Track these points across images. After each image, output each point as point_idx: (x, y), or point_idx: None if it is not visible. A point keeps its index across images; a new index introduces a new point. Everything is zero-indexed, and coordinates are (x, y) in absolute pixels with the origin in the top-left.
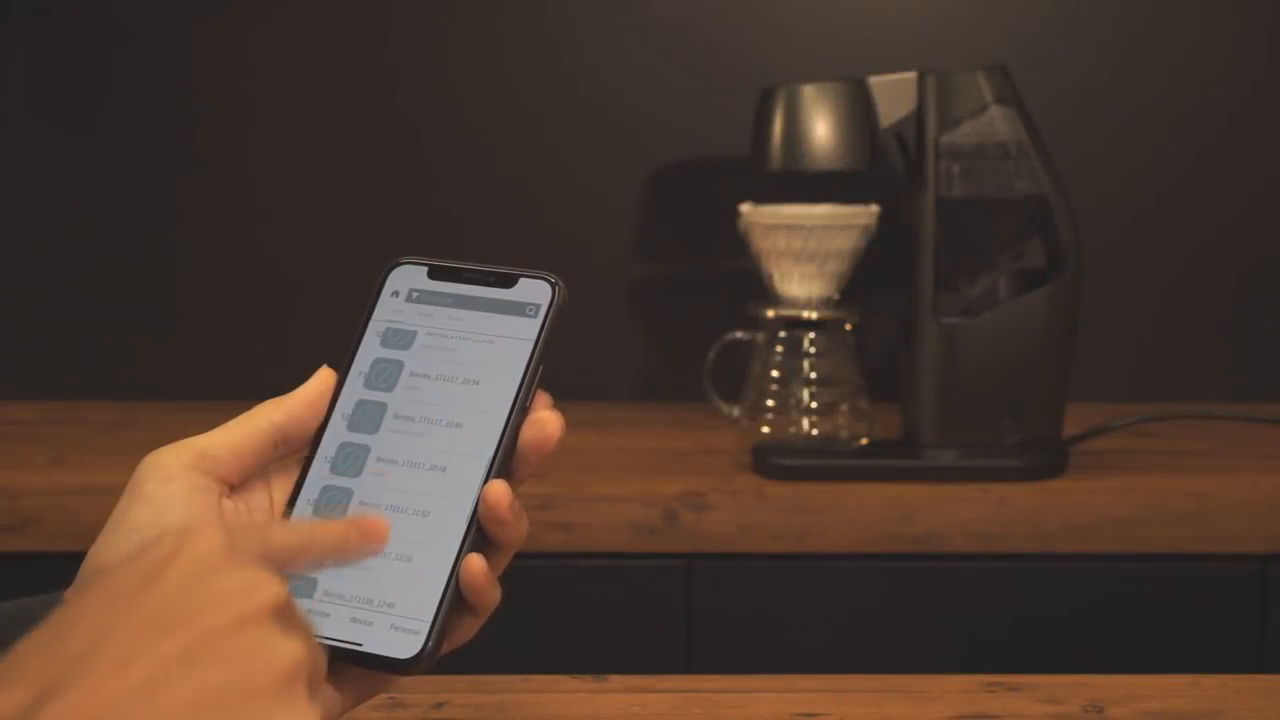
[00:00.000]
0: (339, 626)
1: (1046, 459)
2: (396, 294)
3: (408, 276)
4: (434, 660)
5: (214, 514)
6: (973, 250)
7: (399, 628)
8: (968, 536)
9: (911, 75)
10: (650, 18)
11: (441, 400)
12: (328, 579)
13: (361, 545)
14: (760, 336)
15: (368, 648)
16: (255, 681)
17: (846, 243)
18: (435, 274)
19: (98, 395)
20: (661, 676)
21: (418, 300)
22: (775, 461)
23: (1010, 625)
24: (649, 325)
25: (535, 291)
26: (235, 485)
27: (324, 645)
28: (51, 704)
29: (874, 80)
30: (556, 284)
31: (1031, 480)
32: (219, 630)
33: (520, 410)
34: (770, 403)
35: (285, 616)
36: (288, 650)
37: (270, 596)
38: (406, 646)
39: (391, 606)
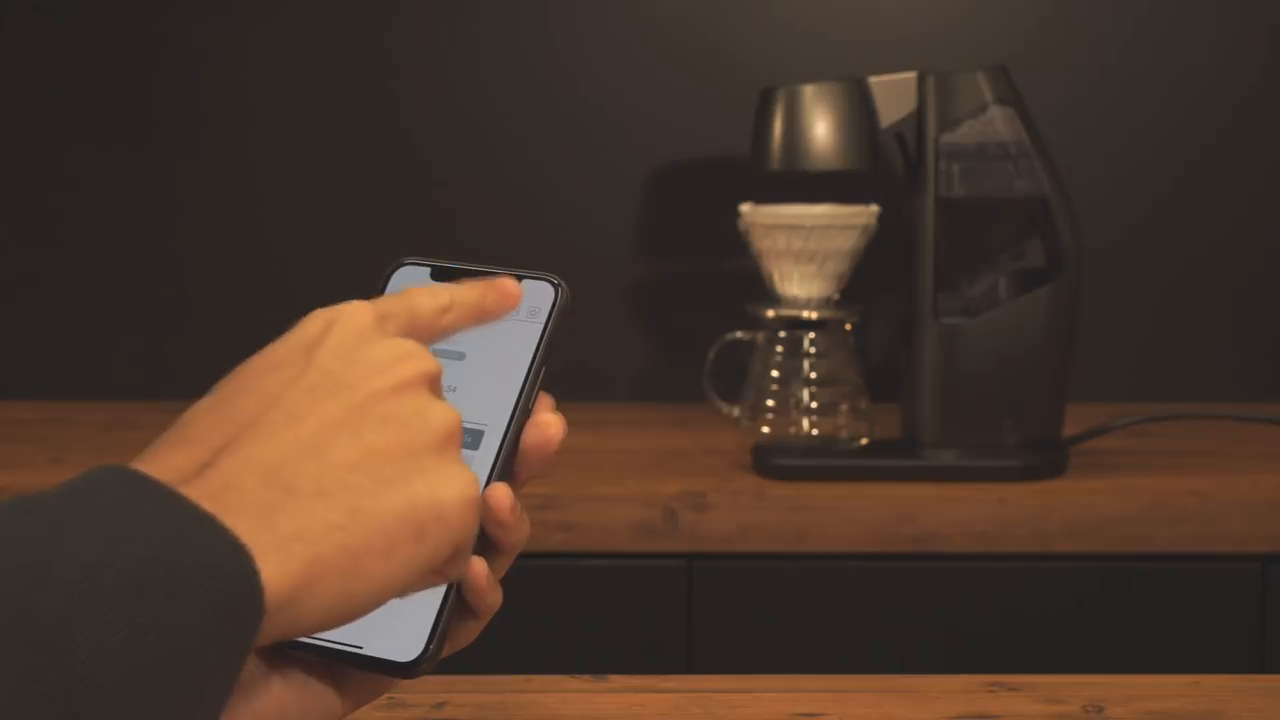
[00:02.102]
0: (340, 629)
1: (1046, 459)
2: None
3: (411, 277)
4: (435, 663)
5: None
6: (973, 250)
7: (400, 631)
8: (968, 536)
9: (911, 75)
10: (650, 18)
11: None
12: None
13: (499, 304)
14: (760, 336)
15: (369, 651)
16: (414, 442)
17: (846, 243)
18: (438, 275)
19: (98, 395)
20: (661, 676)
21: None
22: (775, 461)
23: (1010, 625)
24: (649, 325)
25: (538, 293)
26: None
27: (324, 648)
28: (226, 460)
29: (874, 80)
30: (559, 285)
31: (1031, 480)
32: (380, 394)
33: (523, 413)
34: (770, 403)
35: (436, 387)
36: (443, 415)
37: (425, 366)
38: (408, 649)
39: (392, 609)
